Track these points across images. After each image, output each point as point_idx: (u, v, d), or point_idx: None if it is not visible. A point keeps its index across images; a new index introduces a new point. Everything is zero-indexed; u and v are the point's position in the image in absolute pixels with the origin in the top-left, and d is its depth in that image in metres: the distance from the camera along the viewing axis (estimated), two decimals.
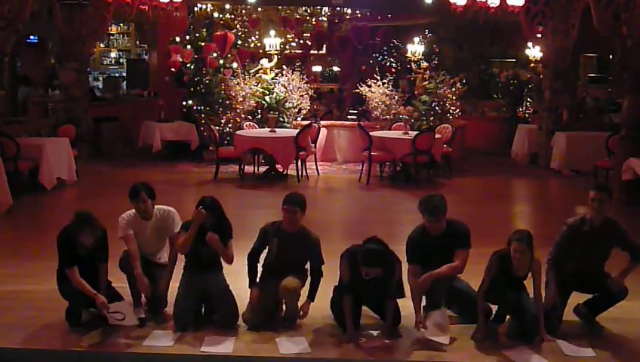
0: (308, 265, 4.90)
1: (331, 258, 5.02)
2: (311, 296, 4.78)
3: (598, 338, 4.62)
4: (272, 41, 12.06)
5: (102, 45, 17.63)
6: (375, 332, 4.67)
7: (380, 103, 11.95)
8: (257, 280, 4.87)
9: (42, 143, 9.36)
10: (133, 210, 4.95)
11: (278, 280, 4.78)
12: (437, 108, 11.67)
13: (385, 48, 16.22)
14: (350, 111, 14.21)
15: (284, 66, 12.47)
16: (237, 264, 5.18)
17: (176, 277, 4.96)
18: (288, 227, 4.77)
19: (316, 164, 11.33)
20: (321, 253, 4.83)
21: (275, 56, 12.29)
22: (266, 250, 4.92)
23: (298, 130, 10.78)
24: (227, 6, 13.24)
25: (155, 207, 5.01)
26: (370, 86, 12.03)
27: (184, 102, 12.68)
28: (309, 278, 4.87)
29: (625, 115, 9.33)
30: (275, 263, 4.86)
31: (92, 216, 4.58)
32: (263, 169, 11.17)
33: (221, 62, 12.41)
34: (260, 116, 11.98)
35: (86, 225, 4.53)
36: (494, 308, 4.74)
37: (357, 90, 12.48)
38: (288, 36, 14.37)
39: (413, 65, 12.50)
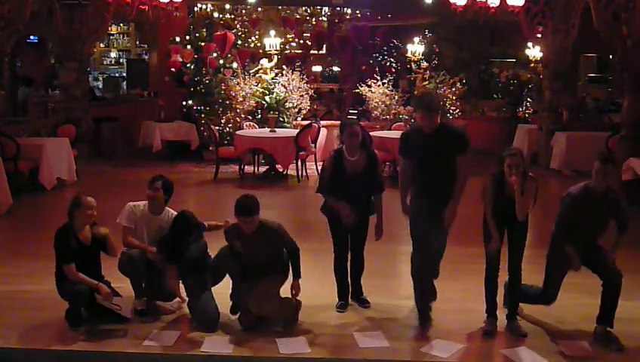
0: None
1: (330, 258, 5.04)
2: (296, 274, 4.72)
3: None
4: (272, 41, 12.05)
5: (102, 45, 17.61)
6: (372, 333, 4.67)
7: (380, 103, 11.95)
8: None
9: (42, 143, 9.35)
10: (145, 202, 4.98)
11: (260, 280, 4.70)
12: None
13: (385, 48, 16.22)
14: (350, 111, 14.20)
15: (284, 66, 12.47)
16: None
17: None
18: (247, 230, 4.66)
19: (316, 164, 11.30)
20: (287, 235, 4.75)
21: (275, 56, 12.28)
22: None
23: (298, 130, 10.78)
24: (227, 6, 13.24)
25: (167, 208, 5.04)
26: (370, 86, 12.03)
27: (184, 102, 12.68)
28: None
29: (625, 115, 9.33)
30: (249, 265, 4.74)
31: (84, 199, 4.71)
32: (263, 169, 11.17)
33: (221, 62, 12.41)
34: (260, 116, 11.97)
35: (81, 205, 4.65)
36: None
37: (357, 90, 12.48)
38: (288, 36, 14.36)
39: (413, 65, 12.49)
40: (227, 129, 11.66)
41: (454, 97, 11.74)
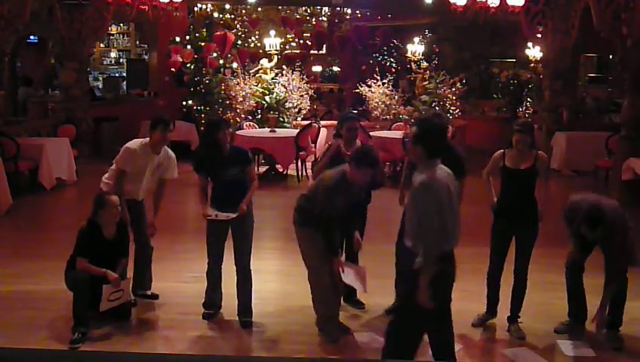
0: None
1: None
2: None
3: (598, 339, 4.61)
4: (272, 41, 12.05)
5: (102, 45, 17.61)
6: (369, 334, 4.67)
7: (379, 103, 11.94)
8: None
9: (42, 143, 9.36)
10: (145, 140, 5.05)
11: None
12: (437, 108, 11.66)
13: (385, 48, 16.22)
14: (350, 111, 14.20)
15: (284, 66, 12.47)
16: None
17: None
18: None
19: None
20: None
21: (275, 56, 12.28)
22: None
23: (298, 130, 10.78)
24: (227, 6, 13.25)
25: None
26: (370, 86, 12.03)
27: (184, 102, 12.67)
28: None
29: (625, 115, 9.33)
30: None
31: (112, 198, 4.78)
32: (263, 169, 11.17)
33: (221, 62, 12.41)
34: (259, 116, 11.97)
35: (106, 204, 4.71)
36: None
37: (357, 90, 12.48)
38: (288, 36, 14.36)
39: (413, 65, 12.49)
40: None
41: (454, 97, 11.74)
